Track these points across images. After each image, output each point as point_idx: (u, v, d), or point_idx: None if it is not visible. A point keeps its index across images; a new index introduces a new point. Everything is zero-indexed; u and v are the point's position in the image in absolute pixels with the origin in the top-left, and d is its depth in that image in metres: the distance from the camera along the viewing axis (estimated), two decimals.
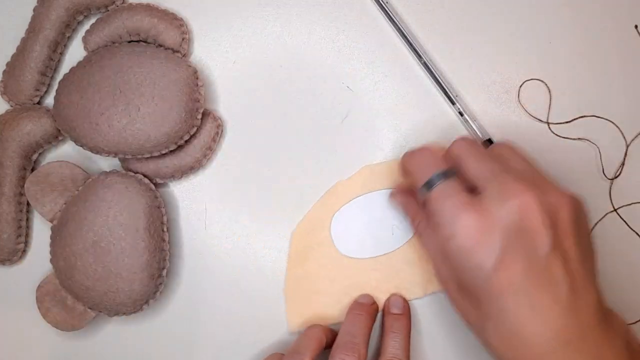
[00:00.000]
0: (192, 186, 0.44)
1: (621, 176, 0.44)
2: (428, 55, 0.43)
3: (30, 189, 0.41)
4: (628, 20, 0.44)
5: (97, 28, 0.42)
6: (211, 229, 0.44)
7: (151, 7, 0.42)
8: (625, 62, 0.44)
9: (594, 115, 0.44)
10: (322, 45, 0.45)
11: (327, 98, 0.44)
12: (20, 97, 0.43)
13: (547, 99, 0.44)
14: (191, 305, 0.44)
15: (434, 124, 0.44)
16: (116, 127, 0.40)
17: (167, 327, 0.43)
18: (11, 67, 0.43)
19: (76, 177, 0.42)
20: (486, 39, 0.44)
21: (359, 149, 0.44)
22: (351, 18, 0.45)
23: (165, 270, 0.41)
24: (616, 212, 0.44)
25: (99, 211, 0.39)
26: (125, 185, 0.40)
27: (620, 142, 0.44)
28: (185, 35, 0.43)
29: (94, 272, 0.39)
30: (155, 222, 0.40)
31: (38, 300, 0.41)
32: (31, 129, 0.42)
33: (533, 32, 0.44)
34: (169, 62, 0.40)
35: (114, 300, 0.40)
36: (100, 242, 0.39)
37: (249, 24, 0.45)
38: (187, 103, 0.40)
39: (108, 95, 0.40)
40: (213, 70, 0.45)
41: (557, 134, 0.44)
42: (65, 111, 0.40)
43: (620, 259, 0.44)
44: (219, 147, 0.44)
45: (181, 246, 0.44)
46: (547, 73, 0.44)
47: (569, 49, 0.44)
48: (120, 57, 0.40)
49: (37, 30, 0.42)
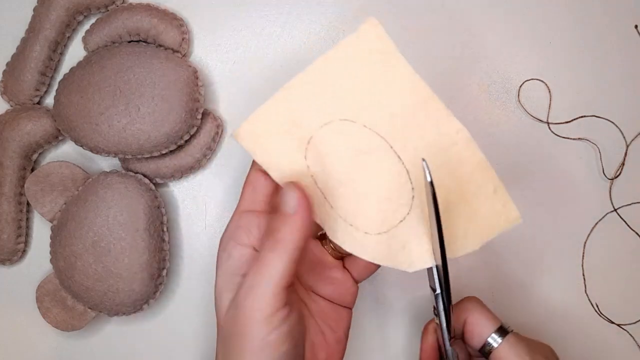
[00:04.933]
0: (192, 186, 0.44)
1: (621, 176, 0.44)
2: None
3: (30, 189, 0.41)
4: (628, 20, 0.44)
5: (97, 28, 0.42)
6: (211, 229, 0.44)
7: (151, 7, 0.42)
8: (625, 62, 0.44)
9: (594, 115, 0.44)
10: (322, 45, 0.45)
11: None
12: (20, 97, 0.43)
13: (547, 99, 0.44)
14: (191, 305, 0.44)
15: None
16: (116, 127, 0.40)
17: (167, 327, 0.43)
18: (11, 67, 0.43)
19: (76, 177, 0.42)
20: (486, 39, 0.44)
21: None
22: (351, 18, 0.45)
23: (165, 270, 0.41)
24: (616, 212, 0.44)
25: (99, 211, 0.39)
26: (125, 185, 0.40)
27: (620, 142, 0.44)
28: (185, 35, 0.43)
29: (94, 272, 0.39)
30: (155, 222, 0.40)
31: (38, 300, 0.41)
32: (31, 129, 0.42)
33: (533, 32, 0.44)
34: (169, 62, 0.40)
35: (114, 300, 0.40)
36: (100, 242, 0.39)
37: (249, 24, 0.45)
38: (187, 103, 0.40)
39: (108, 95, 0.40)
40: (213, 70, 0.45)
41: (557, 134, 0.44)
42: (65, 111, 0.40)
43: (620, 259, 0.44)
44: (219, 147, 0.44)
45: (181, 246, 0.44)
46: (547, 73, 0.44)
47: (569, 49, 0.44)
48: (120, 57, 0.40)
49: (37, 30, 0.42)
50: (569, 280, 0.44)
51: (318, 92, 0.32)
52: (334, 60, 0.32)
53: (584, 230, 0.44)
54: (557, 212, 0.44)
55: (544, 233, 0.44)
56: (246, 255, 0.32)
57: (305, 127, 0.33)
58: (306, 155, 0.33)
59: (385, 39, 0.31)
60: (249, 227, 0.33)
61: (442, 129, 0.32)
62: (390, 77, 0.32)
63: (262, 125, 0.33)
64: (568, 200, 0.44)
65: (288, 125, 0.33)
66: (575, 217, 0.44)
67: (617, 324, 0.43)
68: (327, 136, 0.33)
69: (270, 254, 0.30)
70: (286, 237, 0.30)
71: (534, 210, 0.44)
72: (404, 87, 0.32)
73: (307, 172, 0.33)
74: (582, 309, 0.44)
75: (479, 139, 0.31)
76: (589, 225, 0.44)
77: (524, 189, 0.44)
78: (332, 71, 0.32)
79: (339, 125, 0.32)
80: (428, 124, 0.32)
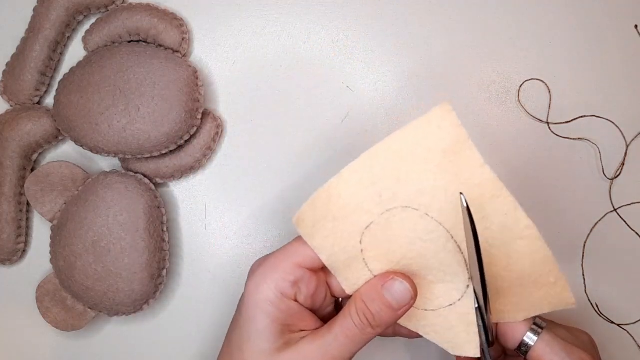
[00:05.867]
0: (192, 186, 0.44)
1: (621, 176, 0.44)
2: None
3: (30, 189, 0.41)
4: (628, 20, 0.44)
5: (97, 28, 0.42)
6: (211, 229, 0.44)
7: (151, 7, 0.42)
8: (625, 62, 0.44)
9: (594, 115, 0.44)
10: (322, 45, 0.45)
11: (327, 98, 0.44)
12: (20, 97, 0.43)
13: (547, 99, 0.44)
14: (191, 305, 0.44)
15: None
16: (116, 127, 0.40)
17: (167, 327, 0.43)
18: (11, 67, 0.43)
19: (76, 177, 0.42)
20: (486, 38, 0.44)
21: (359, 149, 0.44)
22: (351, 18, 0.45)
23: (165, 270, 0.41)
24: (616, 212, 0.44)
25: (99, 211, 0.39)
26: (125, 185, 0.40)
27: (620, 142, 0.44)
28: (185, 35, 0.43)
29: (94, 272, 0.39)
30: (155, 222, 0.40)
31: (38, 300, 0.41)
32: (31, 129, 0.42)
33: (533, 32, 0.44)
34: (169, 62, 0.40)
35: (114, 300, 0.40)
36: (100, 242, 0.39)
37: (249, 24, 0.45)
38: (187, 103, 0.40)
39: (108, 95, 0.40)
40: (213, 70, 0.45)
41: (557, 134, 0.44)
42: (65, 111, 0.40)
43: (620, 259, 0.44)
44: (219, 147, 0.44)
45: (181, 246, 0.44)
46: (547, 73, 0.44)
47: (569, 49, 0.44)
48: (120, 57, 0.40)
49: (37, 30, 0.42)
50: (569, 280, 0.44)
51: (382, 175, 0.31)
52: (400, 142, 0.31)
53: (584, 230, 0.44)
54: (557, 212, 0.44)
55: (544, 233, 0.44)
56: (294, 308, 0.33)
57: (366, 213, 0.32)
58: (362, 239, 0.32)
59: (457, 126, 0.30)
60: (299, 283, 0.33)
61: (509, 223, 0.31)
62: (458, 167, 0.30)
63: (321, 210, 0.32)
64: (568, 200, 0.44)
65: (348, 210, 0.32)
66: (575, 217, 0.44)
67: (617, 324, 0.43)
68: (387, 223, 0.32)
69: (361, 335, 0.31)
70: (382, 325, 0.31)
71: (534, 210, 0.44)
72: (472, 179, 0.30)
73: (359, 256, 0.33)
74: (582, 309, 0.44)
75: (479, 139, 0.31)
76: (589, 225, 0.44)
77: (524, 189, 0.44)
78: (397, 154, 0.31)
79: (401, 212, 0.32)
80: (495, 217, 0.31)
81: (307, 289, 0.33)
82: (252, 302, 0.32)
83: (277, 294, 0.32)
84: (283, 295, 0.32)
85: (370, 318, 0.31)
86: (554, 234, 0.44)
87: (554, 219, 0.44)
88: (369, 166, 0.31)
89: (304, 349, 0.31)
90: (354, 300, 0.32)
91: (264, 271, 0.33)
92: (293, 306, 0.32)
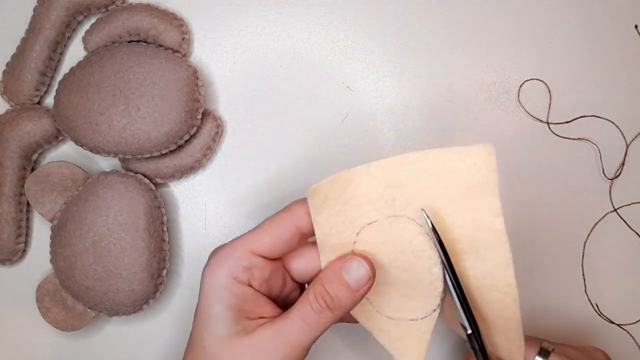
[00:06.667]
0: (192, 186, 0.44)
1: (621, 176, 0.44)
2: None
3: (30, 189, 0.41)
4: (628, 20, 0.44)
5: (97, 28, 0.42)
6: (211, 229, 0.44)
7: (151, 7, 0.42)
8: (625, 62, 0.44)
9: (594, 115, 0.44)
10: (322, 45, 0.45)
11: (327, 98, 0.44)
12: (20, 97, 0.43)
13: (547, 99, 0.44)
14: (191, 305, 0.43)
15: (434, 124, 0.44)
16: (116, 127, 0.40)
17: (167, 327, 0.43)
18: (11, 67, 0.43)
19: (76, 177, 0.42)
20: (486, 39, 0.44)
21: (359, 149, 0.44)
22: (351, 18, 0.45)
23: (165, 270, 0.41)
24: (616, 212, 0.44)
25: (99, 211, 0.39)
26: (125, 185, 0.40)
27: (620, 142, 0.44)
28: (185, 35, 0.43)
29: (94, 272, 0.39)
30: (155, 222, 0.40)
31: (38, 300, 0.41)
32: (31, 129, 0.42)
33: (533, 32, 0.44)
34: (169, 62, 0.40)
35: (114, 300, 0.40)
36: (100, 242, 0.39)
37: (249, 24, 0.45)
38: (187, 103, 0.40)
39: (108, 95, 0.40)
40: (213, 70, 0.45)
41: (557, 134, 0.44)
42: (65, 111, 0.40)
43: (620, 259, 0.44)
44: (219, 147, 0.44)
45: (181, 246, 0.44)
46: (547, 73, 0.44)
47: (569, 49, 0.44)
48: (120, 57, 0.40)
49: (37, 30, 0.42)
50: (569, 280, 0.44)
51: (403, 182, 0.32)
52: (433, 161, 0.31)
53: (584, 230, 0.44)
54: (557, 212, 0.44)
55: (544, 233, 0.44)
56: (249, 294, 0.32)
57: (374, 210, 0.32)
58: (360, 232, 0.33)
59: (492, 171, 0.31)
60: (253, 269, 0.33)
61: (496, 274, 0.32)
62: (476, 208, 0.31)
63: (336, 190, 0.32)
64: (568, 200, 0.44)
65: (360, 201, 0.32)
66: (575, 217, 0.44)
67: (617, 324, 0.43)
68: (389, 227, 0.32)
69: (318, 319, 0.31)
70: (340, 308, 0.31)
71: (534, 210, 0.44)
72: (483, 223, 0.31)
73: (350, 246, 0.33)
74: (582, 309, 0.44)
75: (479, 139, 0.32)
76: (589, 225, 0.44)
77: (524, 189, 0.44)
78: (425, 170, 0.31)
79: (406, 222, 0.32)
80: (485, 262, 0.32)
81: (261, 274, 0.33)
82: (207, 287, 0.33)
83: (229, 280, 0.32)
84: (236, 280, 0.32)
85: (329, 300, 0.31)
86: (554, 234, 0.44)
87: (554, 219, 0.44)
88: (395, 170, 0.32)
89: (260, 335, 0.31)
90: (313, 285, 0.32)
91: (219, 258, 0.33)
92: (247, 291, 0.32)
